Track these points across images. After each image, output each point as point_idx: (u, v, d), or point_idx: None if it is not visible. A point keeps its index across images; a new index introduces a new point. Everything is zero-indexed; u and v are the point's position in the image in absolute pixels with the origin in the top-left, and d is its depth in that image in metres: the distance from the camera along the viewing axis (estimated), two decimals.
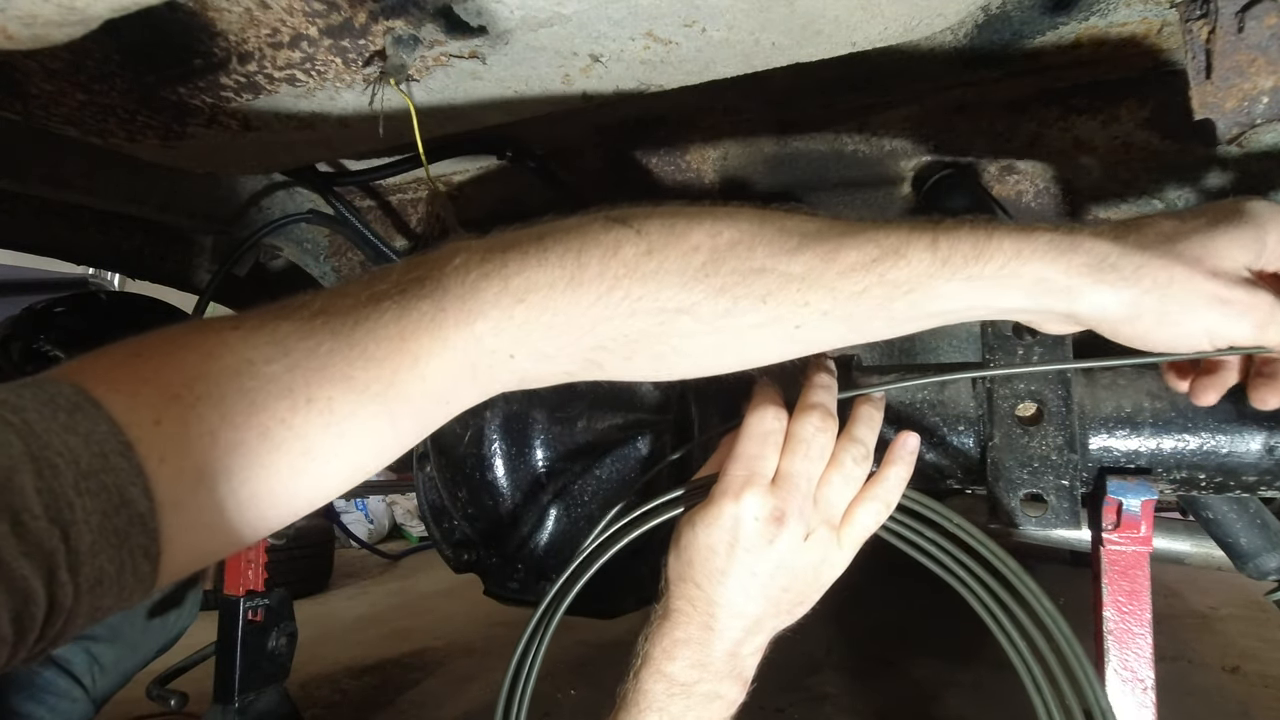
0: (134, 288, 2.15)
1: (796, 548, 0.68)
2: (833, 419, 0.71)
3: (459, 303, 0.55)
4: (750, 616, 0.70)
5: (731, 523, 0.67)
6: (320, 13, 0.83)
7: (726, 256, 0.57)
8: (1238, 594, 3.38)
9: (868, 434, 0.73)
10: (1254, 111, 0.74)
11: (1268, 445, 0.78)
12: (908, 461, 0.74)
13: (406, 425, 0.55)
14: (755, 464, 0.68)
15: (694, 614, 0.70)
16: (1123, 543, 0.81)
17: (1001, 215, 1.27)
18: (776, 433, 0.69)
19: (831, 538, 0.71)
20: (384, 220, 1.73)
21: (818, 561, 0.71)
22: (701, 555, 0.69)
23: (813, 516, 0.69)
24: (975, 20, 1.06)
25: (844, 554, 0.73)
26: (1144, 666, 0.80)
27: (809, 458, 0.69)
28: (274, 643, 1.60)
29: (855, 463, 0.71)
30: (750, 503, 0.67)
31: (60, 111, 1.05)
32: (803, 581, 0.71)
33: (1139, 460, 0.83)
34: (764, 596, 0.69)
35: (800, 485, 0.68)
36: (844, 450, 0.71)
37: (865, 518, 0.72)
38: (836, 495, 0.71)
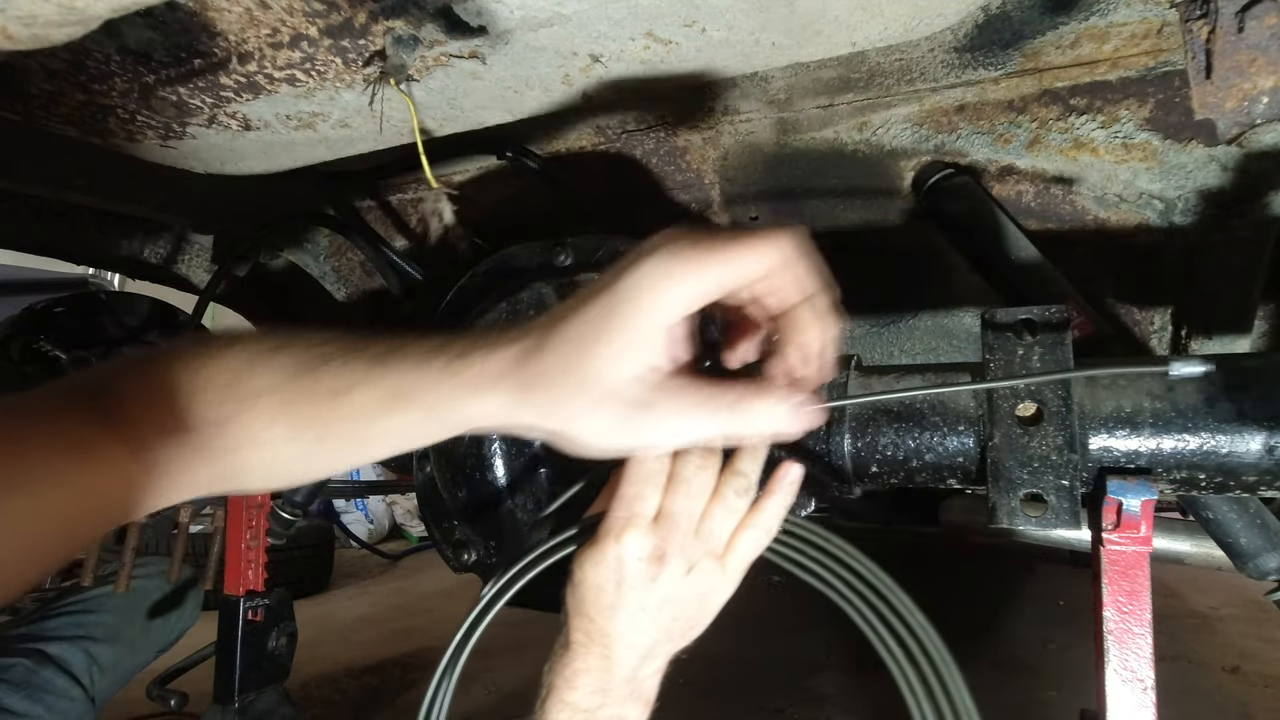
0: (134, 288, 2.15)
1: (680, 581, 0.72)
2: (714, 455, 0.73)
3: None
4: (643, 645, 0.73)
5: (615, 562, 0.71)
6: (320, 13, 0.83)
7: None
8: (1238, 594, 3.38)
9: (751, 466, 0.76)
10: (1254, 111, 0.74)
11: (1268, 445, 0.78)
12: (787, 491, 0.77)
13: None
14: (636, 504, 0.71)
15: (591, 645, 0.73)
16: (1123, 543, 0.81)
17: (1002, 215, 1.27)
18: (658, 473, 0.72)
19: (715, 567, 0.74)
20: (384, 220, 1.73)
21: (703, 592, 0.74)
22: (592, 593, 0.72)
23: (695, 550, 0.72)
24: (975, 20, 1.06)
25: (729, 580, 0.76)
26: (1144, 666, 0.80)
27: (690, 496, 0.71)
28: (274, 643, 1.60)
29: (737, 495, 0.73)
30: (631, 543, 0.70)
31: (60, 111, 1.05)
32: (690, 610, 0.75)
33: (1139, 460, 0.83)
34: (654, 627, 0.73)
35: (681, 523, 0.71)
36: (726, 484, 0.73)
37: (747, 546, 0.75)
38: (719, 527, 0.73)
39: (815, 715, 2.40)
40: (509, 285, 1.20)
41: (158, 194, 1.59)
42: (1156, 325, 1.37)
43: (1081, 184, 1.26)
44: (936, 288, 1.47)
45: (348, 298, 1.97)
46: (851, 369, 0.98)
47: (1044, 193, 1.28)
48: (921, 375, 0.95)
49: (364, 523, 5.28)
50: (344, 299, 1.97)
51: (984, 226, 1.26)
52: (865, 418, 0.94)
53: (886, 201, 1.37)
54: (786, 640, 3.01)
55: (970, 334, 1.49)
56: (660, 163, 1.44)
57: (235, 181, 1.66)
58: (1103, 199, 1.26)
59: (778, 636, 3.03)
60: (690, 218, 1.50)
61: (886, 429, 0.92)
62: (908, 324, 1.53)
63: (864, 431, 0.93)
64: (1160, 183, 1.21)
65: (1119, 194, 1.25)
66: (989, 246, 1.25)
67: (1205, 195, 1.19)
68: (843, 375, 0.98)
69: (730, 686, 2.58)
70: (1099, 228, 1.28)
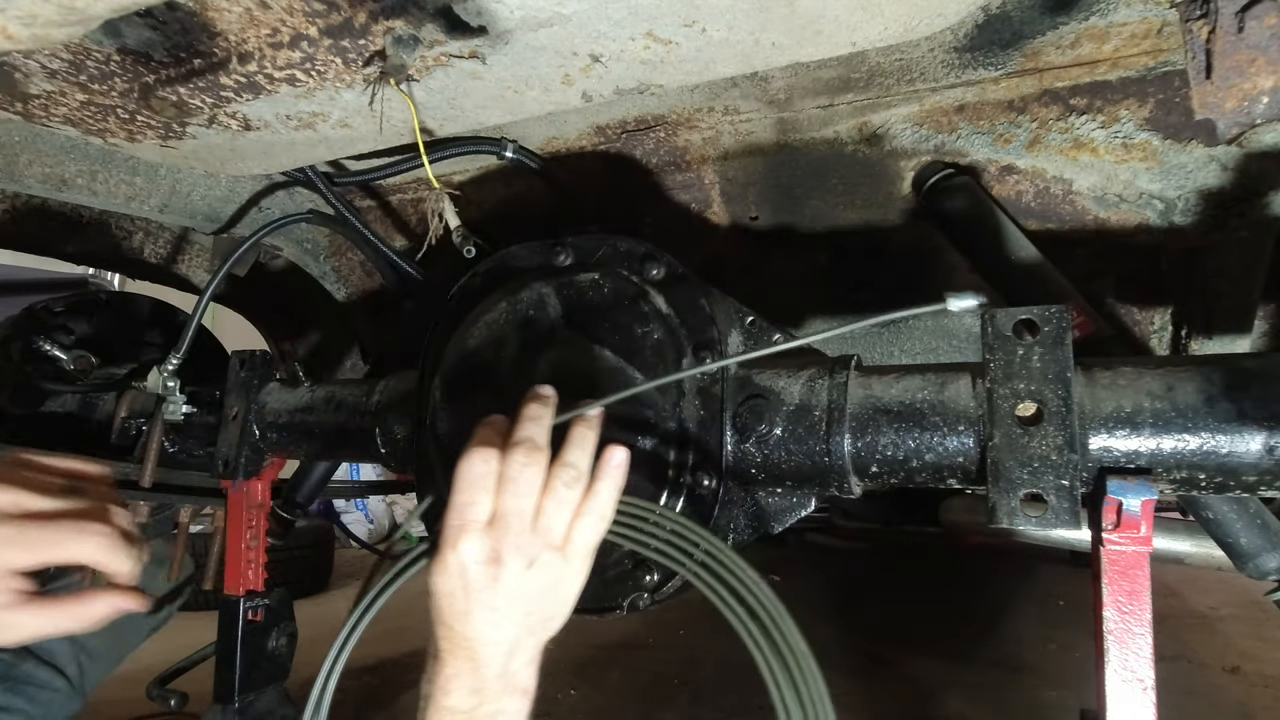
0: (134, 288, 2.15)
1: (523, 577, 0.74)
2: (540, 450, 0.76)
3: None
4: (505, 642, 0.75)
5: (458, 569, 0.73)
6: (320, 13, 0.83)
7: None
8: (1238, 594, 3.38)
9: (579, 456, 0.79)
10: (1254, 111, 0.74)
11: (1268, 445, 0.78)
12: (614, 475, 0.80)
13: None
14: (468, 511, 0.74)
15: (456, 651, 0.75)
16: (1123, 543, 0.81)
17: (1002, 215, 1.27)
18: (486, 475, 0.74)
19: (556, 559, 0.76)
20: (384, 220, 1.73)
21: (550, 583, 0.76)
22: (444, 601, 0.74)
23: (533, 545, 0.75)
24: (975, 20, 1.06)
25: (574, 569, 0.78)
26: (1144, 666, 0.80)
27: (518, 494, 0.74)
28: (274, 643, 1.60)
29: (567, 486, 0.76)
30: (467, 549, 0.73)
31: (60, 111, 1.05)
32: (542, 602, 0.77)
33: (1139, 460, 0.83)
34: (510, 623, 0.74)
35: (513, 523, 0.74)
36: (556, 477, 0.76)
37: (584, 534, 0.78)
38: (554, 521, 0.76)
39: None
40: (509, 285, 1.20)
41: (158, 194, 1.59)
42: (1156, 325, 1.37)
43: (1081, 184, 1.26)
44: (936, 288, 1.47)
45: (348, 298, 1.97)
46: (851, 369, 0.98)
47: (1044, 193, 1.28)
48: (921, 375, 0.95)
49: (364, 523, 5.28)
50: (344, 299, 1.97)
51: (984, 226, 1.26)
52: (865, 418, 0.94)
53: (886, 201, 1.37)
54: None
55: (970, 334, 1.49)
56: (660, 163, 1.44)
57: (235, 181, 1.66)
58: (1103, 199, 1.26)
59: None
60: (690, 217, 1.50)
61: (887, 429, 0.92)
62: (908, 324, 1.53)
63: (864, 431, 0.93)
64: (1160, 183, 1.21)
65: (1119, 194, 1.25)
66: (989, 246, 1.25)
67: (1205, 195, 1.19)
68: (842, 375, 0.97)
69: (728, 686, 2.58)
70: (1099, 228, 1.28)
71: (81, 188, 1.48)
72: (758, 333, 1.08)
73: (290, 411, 1.44)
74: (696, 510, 1.03)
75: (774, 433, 0.97)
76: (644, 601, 1.06)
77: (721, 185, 1.44)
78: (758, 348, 1.08)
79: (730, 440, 1.01)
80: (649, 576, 1.05)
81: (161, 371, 1.53)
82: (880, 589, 3.89)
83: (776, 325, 1.08)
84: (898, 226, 1.40)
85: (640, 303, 1.09)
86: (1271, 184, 1.13)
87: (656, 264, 1.11)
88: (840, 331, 0.87)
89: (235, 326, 2.27)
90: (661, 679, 2.58)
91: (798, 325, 1.60)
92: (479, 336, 1.17)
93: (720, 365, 1.02)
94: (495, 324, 1.16)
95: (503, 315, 1.16)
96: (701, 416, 1.04)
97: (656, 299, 1.09)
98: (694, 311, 1.08)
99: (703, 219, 1.50)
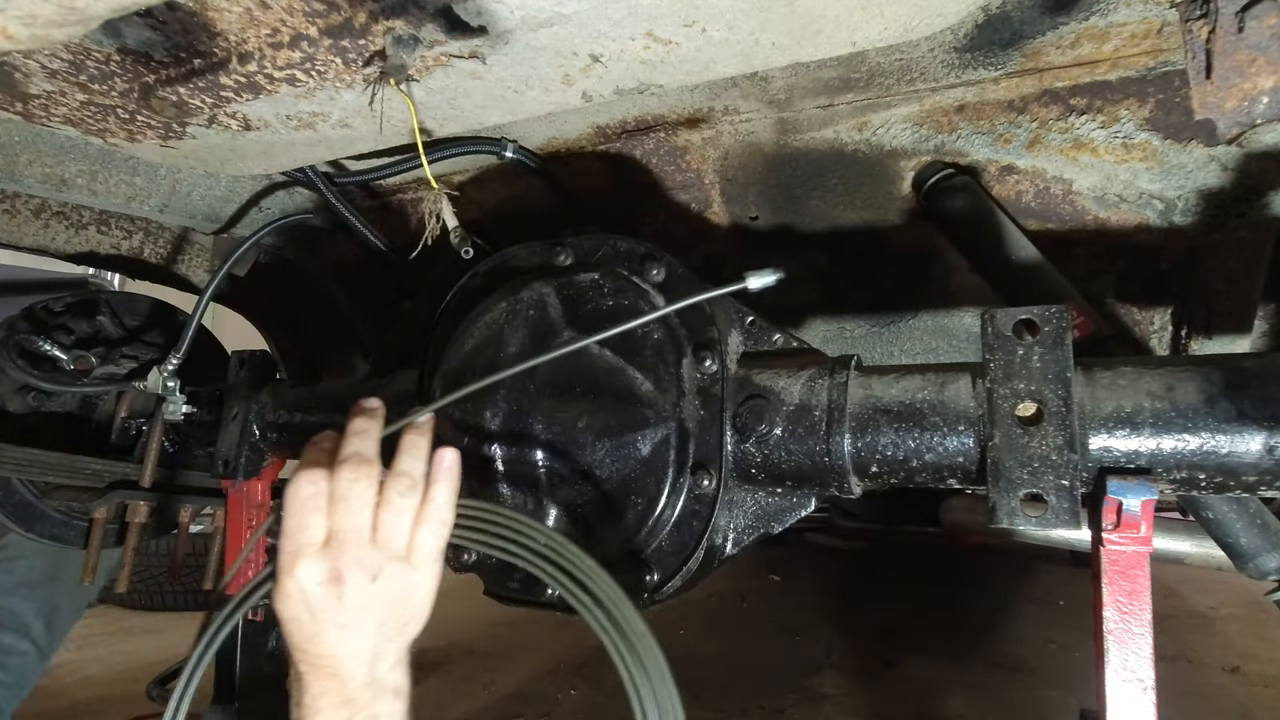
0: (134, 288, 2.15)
1: (368, 591, 0.74)
2: (367, 463, 0.76)
3: None
4: (365, 654, 0.75)
5: (298, 594, 0.73)
6: (320, 13, 0.83)
7: None
8: (1238, 594, 3.38)
9: (412, 463, 0.79)
10: (1254, 111, 0.74)
11: (1268, 445, 0.78)
12: (448, 478, 0.80)
13: None
14: (300, 535, 0.74)
15: (316, 670, 0.75)
16: (1123, 543, 0.81)
17: (1002, 215, 1.27)
18: (314, 496, 0.74)
19: (402, 569, 0.76)
20: (384, 220, 1.73)
21: (399, 592, 0.76)
22: (293, 625, 0.75)
23: (375, 558, 0.75)
24: (975, 20, 1.06)
25: (423, 575, 0.78)
26: (1144, 666, 0.80)
27: (351, 511, 0.74)
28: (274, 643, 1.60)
29: (401, 496, 0.76)
30: (304, 574, 0.73)
31: (60, 111, 1.05)
32: (396, 612, 0.77)
33: (1139, 460, 0.83)
34: (364, 635, 0.75)
35: (350, 539, 0.74)
36: (389, 488, 0.76)
37: (426, 540, 0.78)
38: (393, 531, 0.76)
39: (815, 715, 2.40)
40: (509, 285, 1.19)
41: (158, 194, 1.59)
42: (1156, 325, 1.37)
43: (1081, 184, 1.26)
44: (936, 288, 1.47)
45: (348, 298, 1.97)
46: (851, 369, 0.98)
47: (1044, 193, 1.28)
48: (921, 375, 0.95)
49: None
50: (344, 299, 1.97)
51: (984, 226, 1.26)
52: (865, 418, 0.94)
53: (886, 201, 1.37)
54: (787, 640, 3.01)
55: (970, 334, 1.49)
56: (660, 163, 1.44)
57: (235, 181, 1.67)
58: (1103, 199, 1.26)
59: (778, 636, 3.03)
60: (690, 217, 1.50)
61: (886, 429, 0.92)
62: (908, 324, 1.53)
63: (864, 431, 0.93)
64: (1160, 183, 1.21)
65: (1119, 194, 1.25)
66: (989, 246, 1.25)
67: (1205, 195, 1.19)
68: (842, 375, 0.97)
69: (730, 686, 2.58)
70: (1099, 228, 1.28)
71: (81, 188, 1.48)
72: (758, 332, 1.08)
73: (290, 411, 1.44)
74: (697, 510, 1.03)
75: (774, 433, 0.97)
76: (644, 601, 1.06)
77: (721, 185, 1.44)
78: (758, 347, 1.08)
79: (730, 440, 1.01)
80: (649, 576, 1.05)
81: (161, 371, 1.53)
82: (880, 589, 3.89)
83: (776, 325, 1.08)
84: (898, 226, 1.40)
85: (640, 303, 1.09)
86: (1271, 184, 1.13)
87: (657, 264, 1.11)
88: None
89: (235, 326, 2.27)
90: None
91: (798, 325, 1.60)
92: (479, 336, 1.17)
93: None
94: (495, 324, 1.16)
95: (503, 315, 1.16)
96: (701, 416, 1.04)
97: (657, 299, 1.09)
98: (694, 311, 1.08)
99: (703, 219, 1.50)
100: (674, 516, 1.04)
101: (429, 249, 1.30)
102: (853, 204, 1.39)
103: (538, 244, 1.23)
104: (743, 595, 3.63)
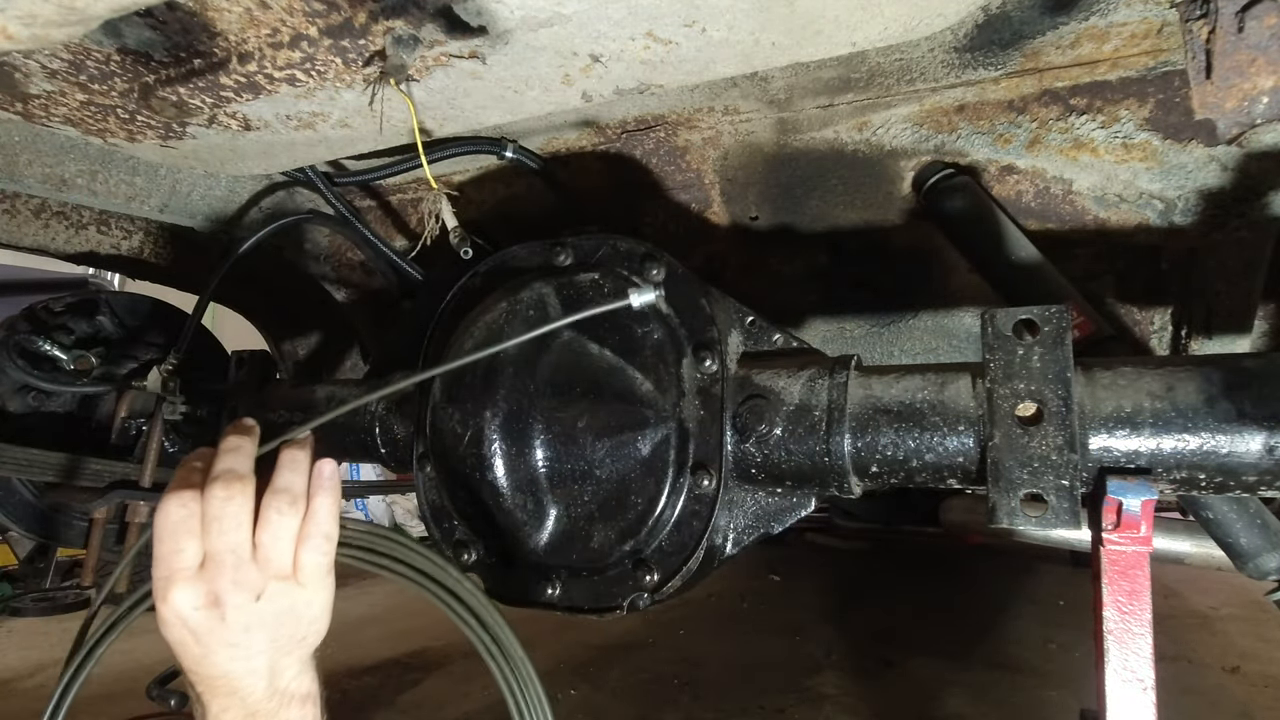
0: (134, 288, 2.15)
1: (253, 610, 0.72)
2: (240, 480, 0.72)
3: None
4: (260, 669, 0.74)
5: (177, 620, 0.71)
6: (320, 13, 0.83)
7: None
8: (1238, 594, 3.38)
9: (292, 478, 0.75)
10: (1254, 111, 0.74)
11: (1268, 445, 0.78)
12: (328, 489, 0.77)
13: None
14: (173, 560, 0.70)
15: (213, 690, 0.73)
16: (1123, 543, 0.81)
17: (1002, 215, 1.27)
18: (186, 519, 0.71)
19: (288, 587, 0.74)
20: (384, 220, 1.73)
21: (287, 609, 0.74)
22: (180, 650, 0.73)
23: (256, 578, 0.72)
24: (975, 20, 1.06)
25: (313, 590, 0.75)
26: (1144, 666, 0.80)
27: (225, 531, 0.71)
28: None
29: (280, 513, 0.73)
30: (180, 600, 0.70)
31: (60, 111, 1.05)
32: (288, 628, 0.75)
33: (1139, 460, 0.83)
34: (257, 652, 0.73)
35: (226, 560, 0.71)
36: (268, 506, 0.73)
37: (311, 555, 0.75)
38: (275, 549, 0.73)
39: (815, 715, 2.40)
40: (509, 285, 1.19)
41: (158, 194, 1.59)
42: (1156, 325, 1.37)
43: (1081, 184, 1.26)
44: (936, 288, 1.47)
45: (347, 298, 1.97)
46: (851, 369, 0.98)
47: (1044, 193, 1.28)
48: (921, 375, 0.95)
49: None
50: (344, 299, 1.97)
51: (984, 226, 1.26)
52: (865, 418, 0.94)
53: (886, 201, 1.37)
54: (787, 640, 3.01)
55: (970, 334, 1.49)
56: (660, 163, 1.44)
57: (235, 181, 1.66)
58: (1103, 199, 1.26)
59: (778, 636, 3.03)
60: (690, 217, 1.50)
61: (887, 429, 0.92)
62: (908, 324, 1.53)
63: (864, 431, 0.93)
64: (1160, 183, 1.21)
65: (1119, 194, 1.25)
66: (989, 246, 1.25)
67: (1205, 195, 1.19)
68: (842, 375, 0.97)
69: (730, 686, 2.58)
70: (1099, 228, 1.28)
71: (81, 188, 1.48)
72: (758, 332, 1.08)
73: (290, 411, 1.44)
74: (697, 510, 1.03)
75: (774, 433, 0.97)
76: (644, 601, 1.06)
77: (721, 185, 1.44)
78: (758, 347, 1.08)
79: (730, 440, 1.01)
80: (649, 576, 1.05)
81: (161, 371, 1.53)
82: (880, 589, 3.89)
83: (776, 325, 1.08)
84: (898, 226, 1.40)
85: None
86: (1271, 184, 1.13)
87: (656, 264, 1.11)
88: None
89: (235, 326, 2.27)
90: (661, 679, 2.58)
91: (798, 325, 1.60)
92: (479, 336, 1.17)
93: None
94: (495, 324, 1.16)
95: (503, 315, 1.16)
96: (701, 416, 1.04)
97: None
98: (694, 311, 1.08)
99: (703, 219, 1.50)
100: (674, 516, 1.04)
101: (430, 249, 1.30)
102: (853, 204, 1.39)
103: (538, 244, 1.23)
104: (743, 595, 3.63)
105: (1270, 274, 1.20)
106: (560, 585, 1.12)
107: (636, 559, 1.06)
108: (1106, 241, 1.29)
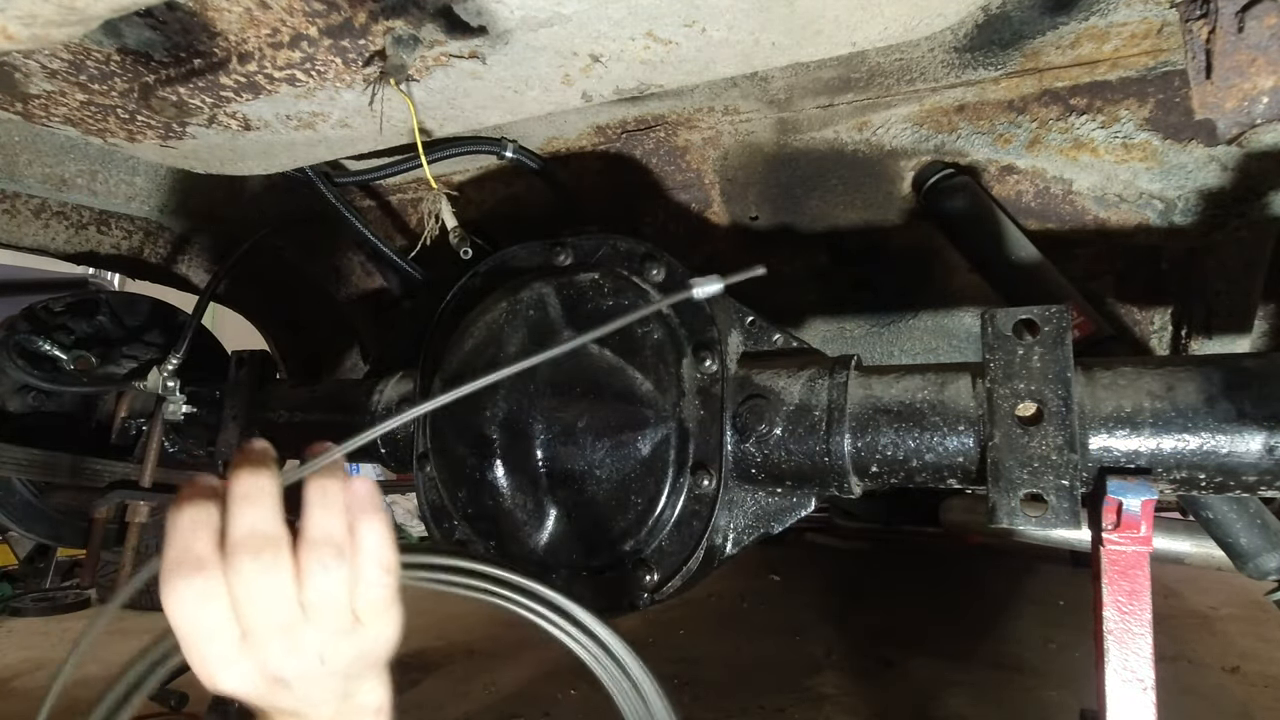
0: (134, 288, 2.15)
1: (320, 669, 0.62)
2: (271, 543, 0.60)
3: None
4: (330, 699, 0.66)
5: (241, 696, 0.62)
6: (320, 13, 0.83)
7: None
8: (1238, 594, 3.38)
9: (328, 521, 0.63)
10: (1254, 111, 0.74)
11: (1268, 445, 0.78)
12: (373, 512, 0.65)
13: None
14: (206, 647, 0.59)
15: (280, 714, 0.65)
16: (1123, 543, 0.81)
17: (1002, 215, 1.27)
18: (214, 596, 0.59)
19: (351, 640, 0.63)
20: (384, 220, 1.73)
21: (355, 655, 0.64)
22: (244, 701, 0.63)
23: (314, 638, 0.61)
24: (975, 20, 1.06)
25: (379, 626, 0.65)
26: (1144, 666, 0.80)
27: (262, 609, 0.59)
28: None
29: (327, 569, 0.61)
30: (235, 685, 0.60)
31: (60, 111, 1.05)
32: (359, 665, 0.66)
33: (1139, 460, 0.83)
34: (328, 692, 0.65)
35: (271, 638, 0.60)
36: (309, 561, 0.61)
37: (373, 598, 0.64)
38: (328, 611, 0.62)
39: (815, 715, 2.40)
40: (509, 285, 1.20)
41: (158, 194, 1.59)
42: (1156, 325, 1.37)
43: (1081, 184, 1.26)
44: (936, 288, 1.47)
45: (347, 298, 1.97)
46: (851, 369, 0.98)
47: (1044, 193, 1.28)
48: (921, 375, 0.95)
49: None
50: (344, 299, 1.97)
51: (984, 226, 1.26)
52: (865, 418, 0.94)
53: (886, 201, 1.37)
54: (786, 640, 3.00)
55: (970, 334, 1.49)
56: (660, 163, 1.44)
57: (235, 181, 1.66)
58: (1103, 199, 1.26)
59: (778, 636, 3.03)
60: (690, 217, 1.50)
61: (887, 429, 0.92)
62: (908, 324, 1.53)
63: (864, 431, 0.93)
64: (1160, 183, 1.21)
65: (1119, 194, 1.25)
66: (989, 246, 1.26)
67: (1205, 195, 1.19)
68: (842, 375, 0.97)
69: (730, 686, 2.58)
70: (1099, 228, 1.28)
71: (81, 188, 1.48)
72: (758, 333, 1.08)
73: (290, 411, 1.44)
74: (697, 510, 1.03)
75: (774, 433, 0.98)
76: (644, 601, 1.06)
77: (721, 185, 1.44)
78: (758, 347, 1.08)
79: (730, 440, 1.01)
80: (649, 576, 1.05)
81: (161, 371, 1.54)
82: (880, 589, 3.88)
83: (776, 325, 1.08)
84: (898, 226, 1.40)
85: (640, 303, 1.09)
86: (1271, 184, 1.13)
87: (656, 264, 1.11)
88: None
89: (235, 326, 2.27)
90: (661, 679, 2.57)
91: (798, 325, 1.60)
92: (479, 336, 1.17)
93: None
94: (495, 324, 1.16)
95: (503, 315, 1.16)
96: (701, 416, 1.04)
97: (657, 299, 1.10)
98: (694, 311, 1.08)
99: (703, 219, 1.50)
100: (674, 516, 1.04)
101: (430, 249, 1.30)
102: (853, 204, 1.39)
103: (538, 244, 1.23)
104: (743, 595, 3.63)
105: (1270, 274, 1.20)
106: (560, 585, 1.12)
107: (636, 559, 1.06)
108: (1106, 241, 1.29)
